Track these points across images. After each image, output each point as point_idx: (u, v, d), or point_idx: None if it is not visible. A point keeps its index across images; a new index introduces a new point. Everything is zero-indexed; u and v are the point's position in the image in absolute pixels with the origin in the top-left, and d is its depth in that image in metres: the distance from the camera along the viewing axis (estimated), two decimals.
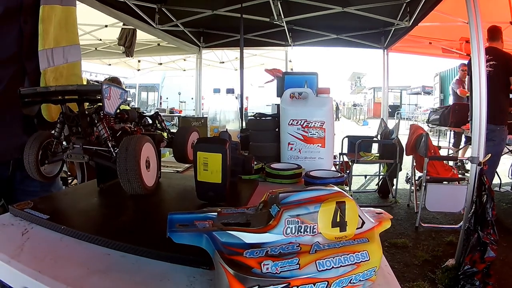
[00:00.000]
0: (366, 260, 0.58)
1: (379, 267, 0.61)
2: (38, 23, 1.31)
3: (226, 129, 1.54)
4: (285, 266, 0.55)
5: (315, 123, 1.50)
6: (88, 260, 0.74)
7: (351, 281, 0.58)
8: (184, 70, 11.02)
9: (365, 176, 6.59)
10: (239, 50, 4.27)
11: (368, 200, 5.48)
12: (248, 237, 0.59)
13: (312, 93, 1.54)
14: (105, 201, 1.14)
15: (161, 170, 1.36)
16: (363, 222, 0.63)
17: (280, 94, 1.73)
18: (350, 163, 5.23)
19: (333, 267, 0.56)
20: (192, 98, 10.36)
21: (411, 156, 4.98)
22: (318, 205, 0.60)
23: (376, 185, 5.97)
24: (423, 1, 4.34)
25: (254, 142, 1.71)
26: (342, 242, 0.60)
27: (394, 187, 5.28)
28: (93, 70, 11.35)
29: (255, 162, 1.46)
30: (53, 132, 1.12)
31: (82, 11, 5.30)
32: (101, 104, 1.02)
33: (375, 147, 6.06)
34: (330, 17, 5.31)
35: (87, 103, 1.10)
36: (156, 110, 2.11)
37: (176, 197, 1.19)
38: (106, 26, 6.39)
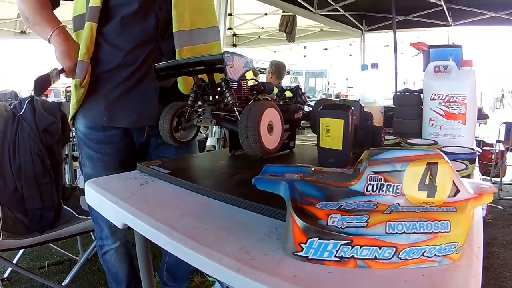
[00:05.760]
0: (445, 232, 0.49)
1: (462, 245, 0.51)
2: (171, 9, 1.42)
3: (359, 99, 1.49)
4: (351, 222, 0.50)
5: (456, 98, 1.38)
6: (188, 206, 0.80)
7: (425, 253, 0.49)
8: (350, 55, 10.90)
9: None
10: (392, 33, 4.11)
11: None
12: (328, 190, 0.56)
13: (455, 66, 1.41)
14: (231, 164, 1.20)
15: (297, 142, 1.38)
16: (458, 191, 0.54)
17: (426, 68, 1.63)
18: (505, 151, 4.72)
19: (404, 232, 0.49)
20: None
21: None
22: (406, 164, 0.53)
23: None
24: None
25: (398, 118, 1.64)
26: (424, 208, 0.52)
27: None
28: (259, 58, 11.86)
29: (394, 137, 1.39)
30: (189, 101, 1.20)
31: (238, 0, 5.60)
32: None
33: None
34: None
35: (218, 73, 1.13)
36: (297, 84, 2.14)
37: (300, 163, 1.19)
38: (266, 14, 6.63)
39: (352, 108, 0.99)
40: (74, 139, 2.17)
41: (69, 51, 1.39)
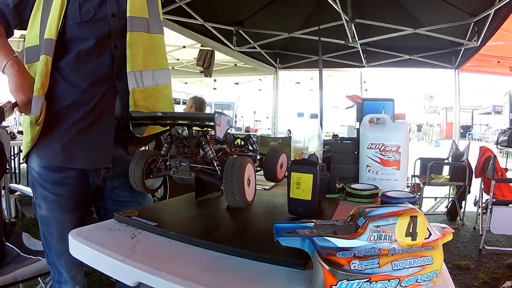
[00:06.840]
0: (430, 264, 0.72)
1: (440, 271, 0.74)
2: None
3: (314, 152, 1.66)
4: (368, 265, 0.70)
5: (391, 147, 1.61)
6: (198, 260, 0.86)
7: (417, 280, 0.71)
8: (260, 90, 11.28)
9: (435, 198, 6.49)
10: (318, 71, 4.41)
11: (436, 223, 5.35)
12: (340, 242, 0.74)
13: (389, 119, 1.65)
14: (205, 212, 1.30)
15: None
16: (430, 234, 0.77)
17: (359, 119, 1.85)
18: (421, 185, 5.25)
19: (404, 267, 0.70)
20: (267, 117, 10.59)
21: (480, 179, 4.87)
22: (396, 218, 0.74)
23: (445, 207, 5.87)
24: (490, 20, 4.34)
25: (336, 164, 1.83)
26: (412, 249, 0.74)
27: (462, 209, 5.23)
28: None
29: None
30: (162, 150, 1.27)
31: None
32: (207, 128, 1.20)
33: (446, 169, 5.95)
34: (402, 38, 5.36)
35: (198, 128, 1.23)
36: (248, 133, 2.27)
37: (267, 211, 1.32)
38: (184, 47, 6.72)
39: (319, 164, 1.19)
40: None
41: (23, 84, 1.34)
